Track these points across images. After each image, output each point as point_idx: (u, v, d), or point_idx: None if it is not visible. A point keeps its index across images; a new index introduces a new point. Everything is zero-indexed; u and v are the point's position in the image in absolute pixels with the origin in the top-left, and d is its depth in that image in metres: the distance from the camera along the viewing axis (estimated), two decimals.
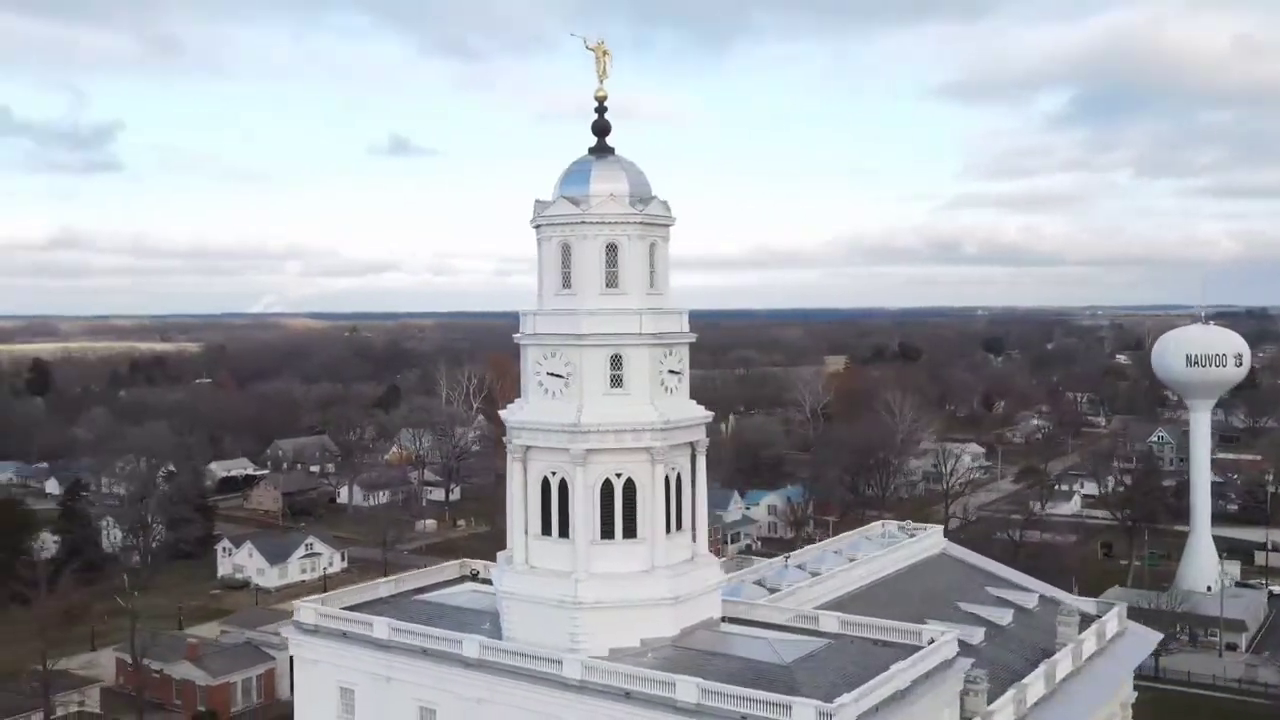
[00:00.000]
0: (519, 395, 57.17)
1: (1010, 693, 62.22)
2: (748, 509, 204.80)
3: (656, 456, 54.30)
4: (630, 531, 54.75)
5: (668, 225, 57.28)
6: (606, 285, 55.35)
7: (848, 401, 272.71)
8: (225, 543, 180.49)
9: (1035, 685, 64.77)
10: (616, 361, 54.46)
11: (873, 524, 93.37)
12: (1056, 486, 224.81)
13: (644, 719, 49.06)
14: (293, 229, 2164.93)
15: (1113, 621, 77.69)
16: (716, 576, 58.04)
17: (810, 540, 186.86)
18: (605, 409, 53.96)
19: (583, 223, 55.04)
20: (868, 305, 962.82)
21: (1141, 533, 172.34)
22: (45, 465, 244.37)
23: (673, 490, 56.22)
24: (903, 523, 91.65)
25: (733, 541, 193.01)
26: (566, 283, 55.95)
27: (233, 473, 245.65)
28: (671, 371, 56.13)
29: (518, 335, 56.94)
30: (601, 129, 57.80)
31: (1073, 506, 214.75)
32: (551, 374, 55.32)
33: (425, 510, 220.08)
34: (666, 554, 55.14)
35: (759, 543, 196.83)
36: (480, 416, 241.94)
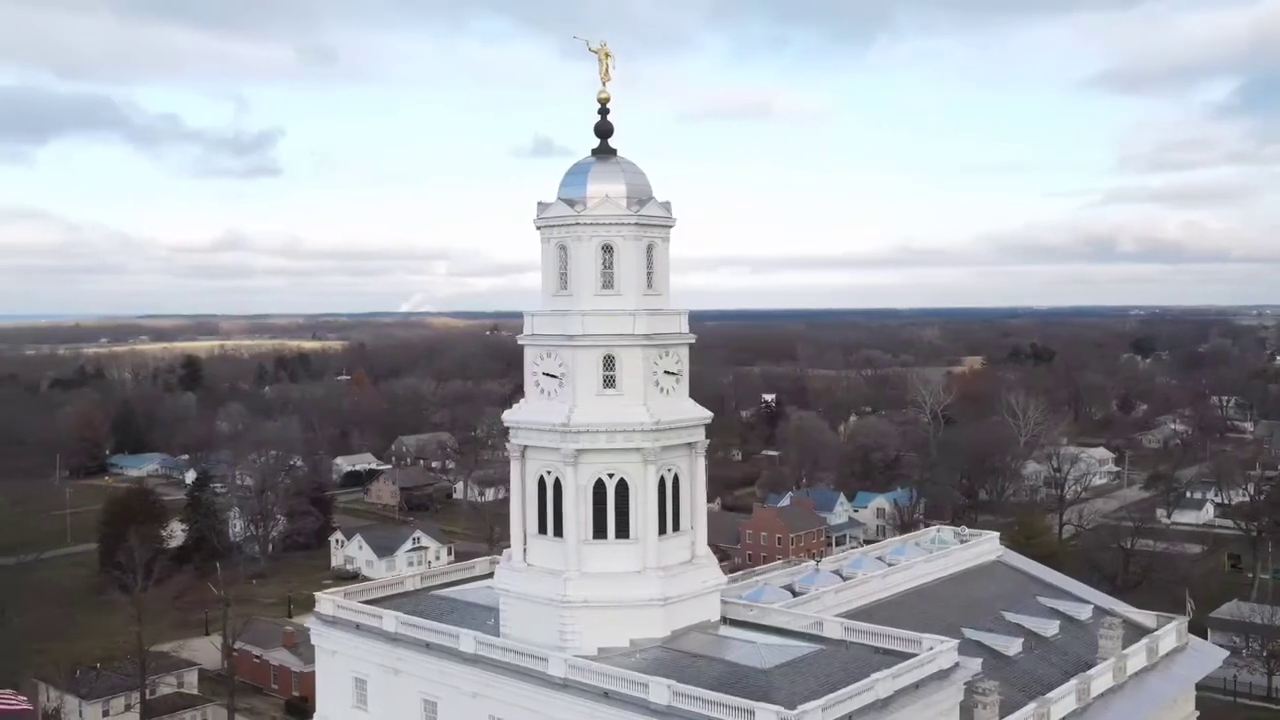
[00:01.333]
0: None
1: (1031, 706, 60.34)
2: (855, 512, 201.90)
3: (648, 457, 54.37)
4: (623, 531, 54.97)
5: (666, 226, 57.29)
6: (602, 286, 55.69)
7: (971, 403, 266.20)
8: (339, 535, 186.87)
9: (1065, 700, 62.56)
10: (609, 362, 54.76)
11: (927, 529, 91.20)
12: (1187, 494, 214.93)
13: (620, 718, 49.25)
14: (440, 230, 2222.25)
15: (1170, 636, 74.25)
16: (714, 579, 57.78)
17: None
18: (597, 409, 54.32)
19: (577, 224, 55.53)
20: (1014, 305, 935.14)
21: (1267, 545, 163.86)
22: (185, 457, 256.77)
23: (669, 491, 56.20)
24: (958, 528, 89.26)
25: (838, 545, 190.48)
26: (564, 284, 56.55)
27: (356, 467, 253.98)
28: (668, 372, 56.11)
29: (519, 336, 57.69)
30: (604, 131, 58.13)
31: (1204, 516, 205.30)
32: (547, 374, 56.01)
33: None
34: (659, 555, 55.16)
35: (864, 546, 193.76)
36: None
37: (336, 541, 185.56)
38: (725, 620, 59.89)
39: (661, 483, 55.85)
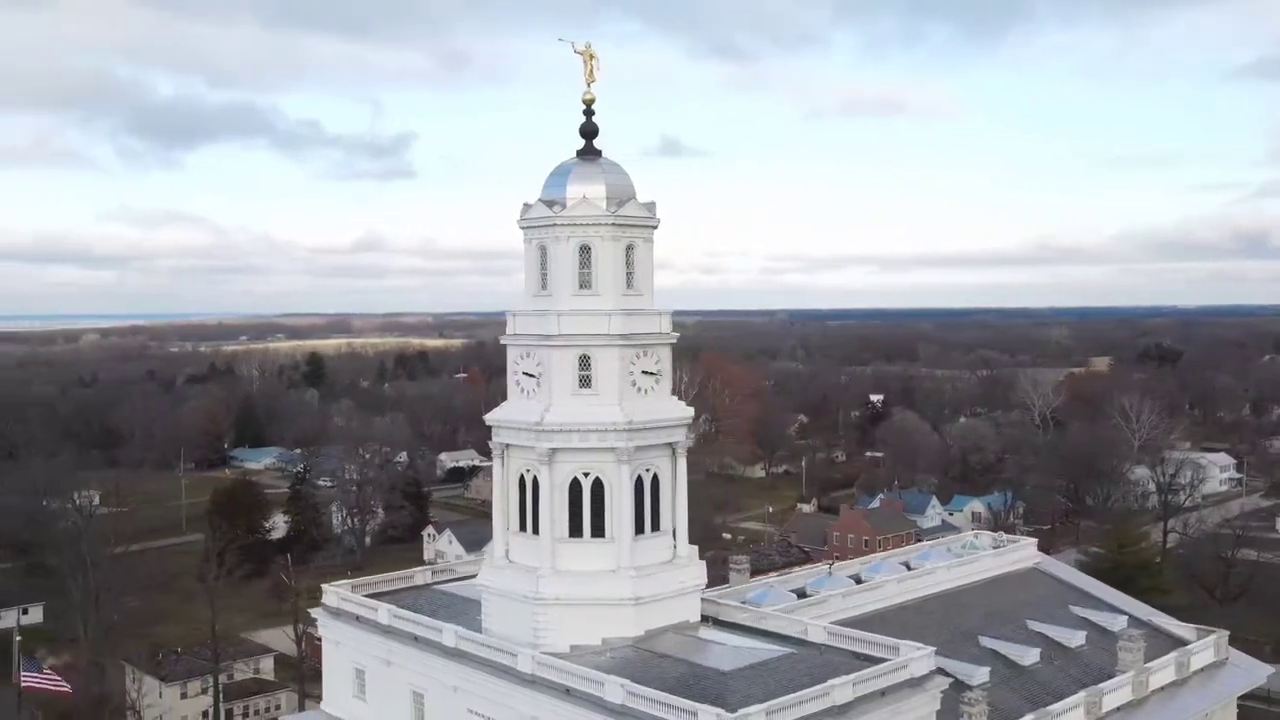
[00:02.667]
0: (731, 394, 58.84)
1: (1029, 718, 58.61)
2: (950, 515, 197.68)
3: (622, 457, 54.55)
4: (598, 531, 55.28)
5: (647, 227, 57.34)
6: (580, 287, 56.06)
7: (1084, 405, 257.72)
8: (430, 529, 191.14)
9: (1072, 713, 60.66)
10: (585, 362, 55.11)
11: (963, 534, 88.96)
12: None
13: (579, 716, 49.60)
14: None
15: (1207, 651, 71.12)
16: (693, 580, 57.54)
17: None
18: (572, 409, 54.73)
19: (554, 224, 56.01)
20: (1158, 303, 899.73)
21: None
22: (298, 452, 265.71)
23: (647, 491, 56.27)
24: (996, 534, 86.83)
25: None
26: (544, 284, 57.10)
27: (460, 463, 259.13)
28: (646, 372, 56.17)
29: (502, 336, 58.49)
30: (588, 132, 58.52)
31: None
32: (526, 373, 56.68)
33: None
34: (633, 555, 55.25)
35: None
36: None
37: (429, 535, 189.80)
38: (712, 621, 59.75)
39: (639, 483, 55.97)
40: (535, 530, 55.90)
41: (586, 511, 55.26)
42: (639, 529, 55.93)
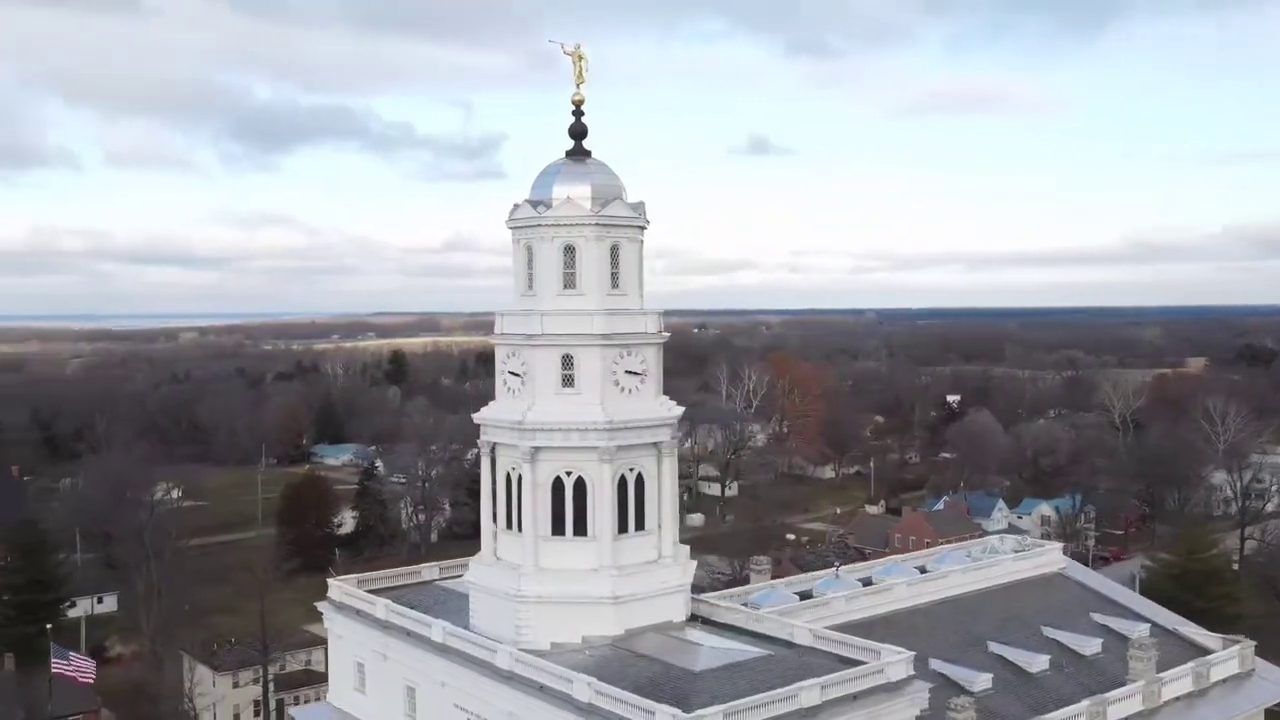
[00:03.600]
0: (799, 394, 59.14)
1: None
2: (1019, 518, 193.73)
3: (603, 456, 54.79)
4: (581, 529, 55.60)
5: (633, 226, 57.47)
6: (564, 286, 56.49)
7: (1168, 407, 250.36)
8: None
9: None
10: (568, 361, 55.50)
11: (987, 537, 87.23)
12: None
13: (550, 713, 50.00)
14: (657, 228, 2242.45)
15: (1231, 662, 68.88)
16: (676, 580, 57.46)
17: (1090, 557, 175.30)
18: (555, 408, 55.16)
19: (539, 225, 56.51)
20: (1259, 302, 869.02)
21: None
22: (374, 448, 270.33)
23: (630, 491, 56.40)
24: (1019, 538, 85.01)
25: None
26: (530, 284, 57.59)
27: None
28: (630, 372, 56.31)
29: (491, 336, 59.08)
30: (577, 132, 58.91)
31: None
32: (512, 373, 57.28)
33: (698, 505, 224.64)
34: (615, 554, 55.49)
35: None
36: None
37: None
38: (702, 621, 59.73)
39: (623, 482, 56.14)
40: (520, 528, 56.40)
41: (569, 510, 55.64)
42: (622, 528, 56.12)
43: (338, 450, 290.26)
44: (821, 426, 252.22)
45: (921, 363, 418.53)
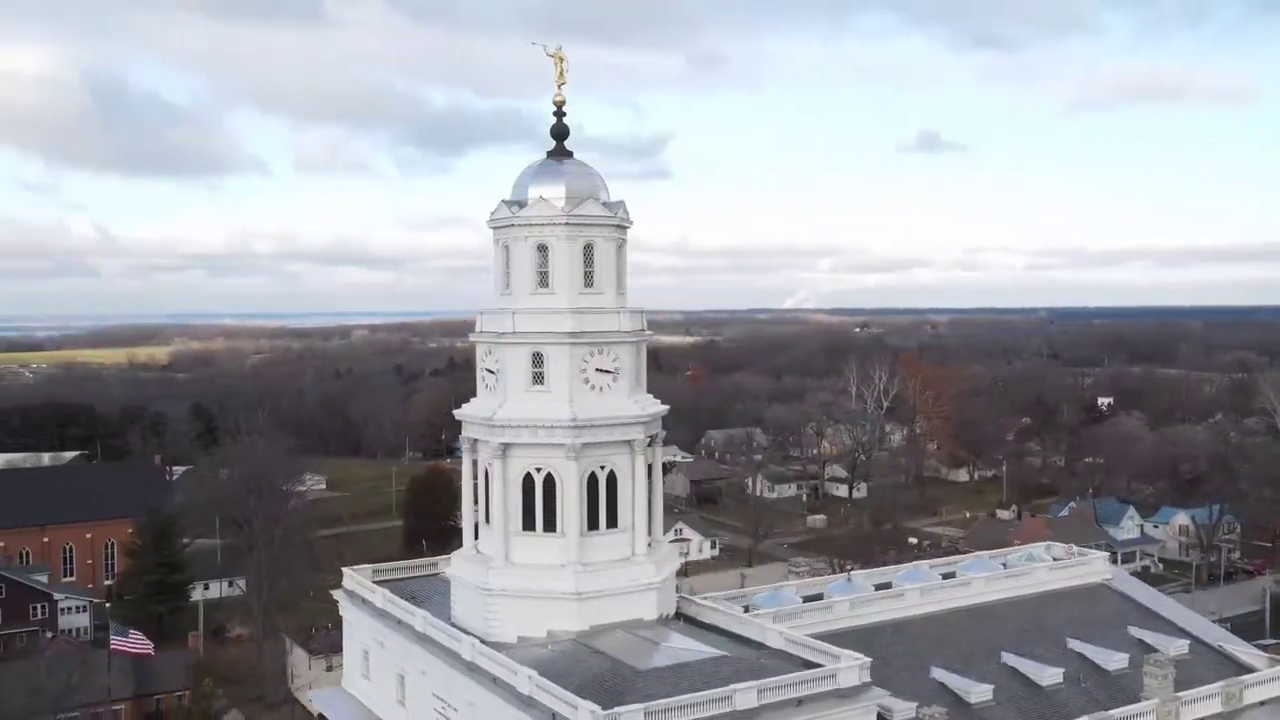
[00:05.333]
0: (932, 395, 60.01)
1: None
2: (1155, 526, 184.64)
3: (570, 454, 55.30)
4: (550, 526, 56.25)
5: (608, 225, 57.69)
6: (538, 285, 57.26)
7: None
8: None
9: None
10: (538, 359, 56.26)
11: (1034, 544, 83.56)
12: None
13: (497, 704, 50.86)
14: (824, 227, 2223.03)
15: (1274, 684, 64.44)
16: (647, 578, 57.36)
17: (1222, 570, 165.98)
18: (525, 405, 55.99)
19: (512, 225, 57.43)
20: None
21: None
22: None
23: (601, 488, 56.71)
24: (1068, 546, 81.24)
25: (1125, 562, 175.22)
26: (508, 283, 58.50)
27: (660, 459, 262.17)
28: (601, 370, 56.62)
29: (471, 334, 60.22)
30: (559, 133, 59.51)
31: None
32: (488, 370, 58.35)
33: (823, 506, 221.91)
34: (584, 550, 55.95)
35: (1159, 564, 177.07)
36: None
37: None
38: (685, 619, 59.73)
39: (594, 480, 56.53)
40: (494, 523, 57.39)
41: (539, 506, 56.36)
42: (592, 525, 56.56)
43: None
44: (956, 428, 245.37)
45: (1083, 363, 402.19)
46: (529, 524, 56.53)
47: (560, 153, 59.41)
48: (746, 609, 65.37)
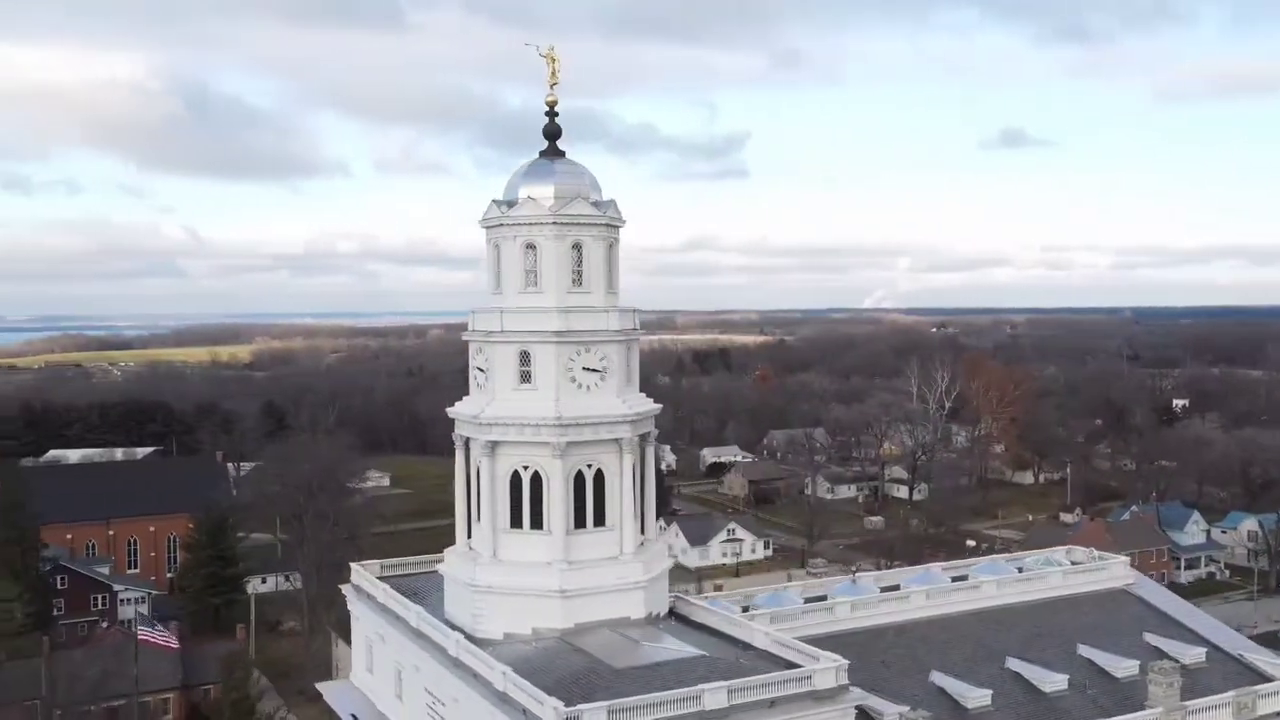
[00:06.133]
0: (996, 396, 60.26)
1: None
2: (1223, 532, 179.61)
3: (555, 452, 55.57)
4: (537, 523, 56.57)
5: (597, 225, 57.77)
6: (526, 285, 57.60)
7: None
8: (660, 522, 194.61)
9: None
10: (525, 358, 56.58)
11: (1053, 549, 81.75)
12: None
13: (476, 700, 51.31)
14: (904, 226, 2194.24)
15: None
16: (635, 576, 57.31)
17: None
18: (512, 403, 56.39)
19: (502, 224, 57.88)
20: None
21: None
22: None
23: (589, 487, 56.88)
24: (1089, 550, 79.38)
25: (1189, 568, 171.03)
26: (498, 283, 58.95)
27: (721, 458, 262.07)
28: (588, 369, 56.75)
29: (464, 333, 60.72)
30: (551, 133, 59.79)
31: None
32: (478, 368, 58.91)
33: (882, 507, 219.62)
34: (570, 548, 56.16)
35: (1225, 571, 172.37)
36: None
37: (659, 528, 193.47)
38: (677, 618, 59.78)
39: (580, 478, 56.71)
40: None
41: (525, 504, 56.72)
42: (579, 523, 56.75)
43: None
44: (1022, 430, 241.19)
45: (1163, 364, 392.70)
46: (516, 521, 56.92)
47: (552, 153, 59.71)
48: (746, 609, 65.12)
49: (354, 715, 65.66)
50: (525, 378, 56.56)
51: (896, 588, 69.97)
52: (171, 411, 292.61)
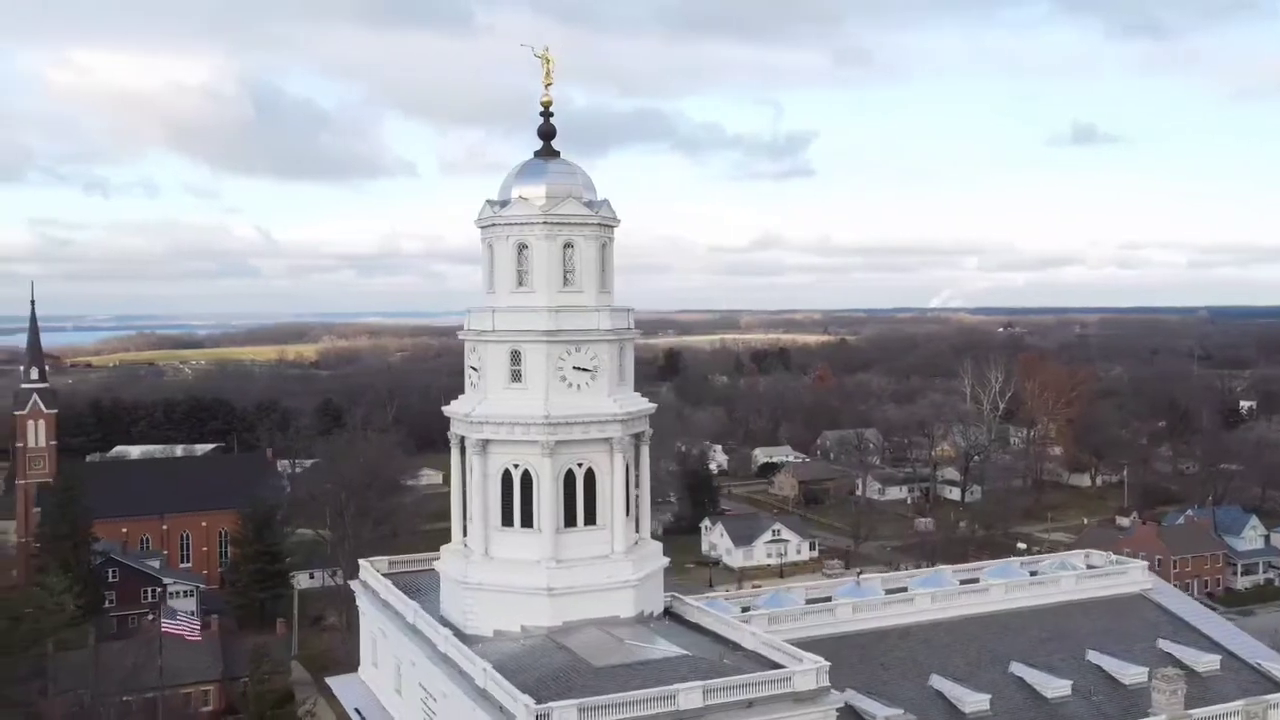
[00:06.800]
0: (1051, 396, 60.38)
1: None
2: None
3: (544, 450, 55.78)
4: (527, 521, 56.84)
5: (589, 224, 57.83)
6: (517, 284, 57.89)
7: None
8: (706, 522, 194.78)
9: None
10: (516, 357, 56.85)
11: (1063, 553, 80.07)
12: None
13: (459, 695, 51.69)
14: (971, 224, 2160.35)
15: None
16: (625, 576, 57.21)
17: None
18: (503, 402, 56.71)
19: (495, 224, 58.22)
20: None
21: None
22: None
23: (579, 485, 57.00)
24: (1107, 554, 77.62)
25: (1246, 573, 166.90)
26: (492, 283, 59.32)
27: (773, 459, 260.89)
28: (578, 369, 56.82)
29: (459, 332, 61.11)
30: (545, 133, 60.00)
31: None
32: (472, 367, 59.31)
33: (933, 509, 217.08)
34: (560, 547, 56.33)
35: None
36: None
37: (704, 528, 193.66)
38: (671, 618, 59.76)
39: (571, 477, 56.87)
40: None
41: (516, 502, 57.02)
42: (569, 522, 56.90)
43: None
44: (1079, 431, 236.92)
45: (1236, 364, 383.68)
46: (508, 520, 57.25)
47: (547, 153, 59.95)
48: (746, 610, 64.83)
49: (358, 710, 66.43)
50: (516, 376, 56.85)
51: (904, 590, 69.13)
52: (233, 409, 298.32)
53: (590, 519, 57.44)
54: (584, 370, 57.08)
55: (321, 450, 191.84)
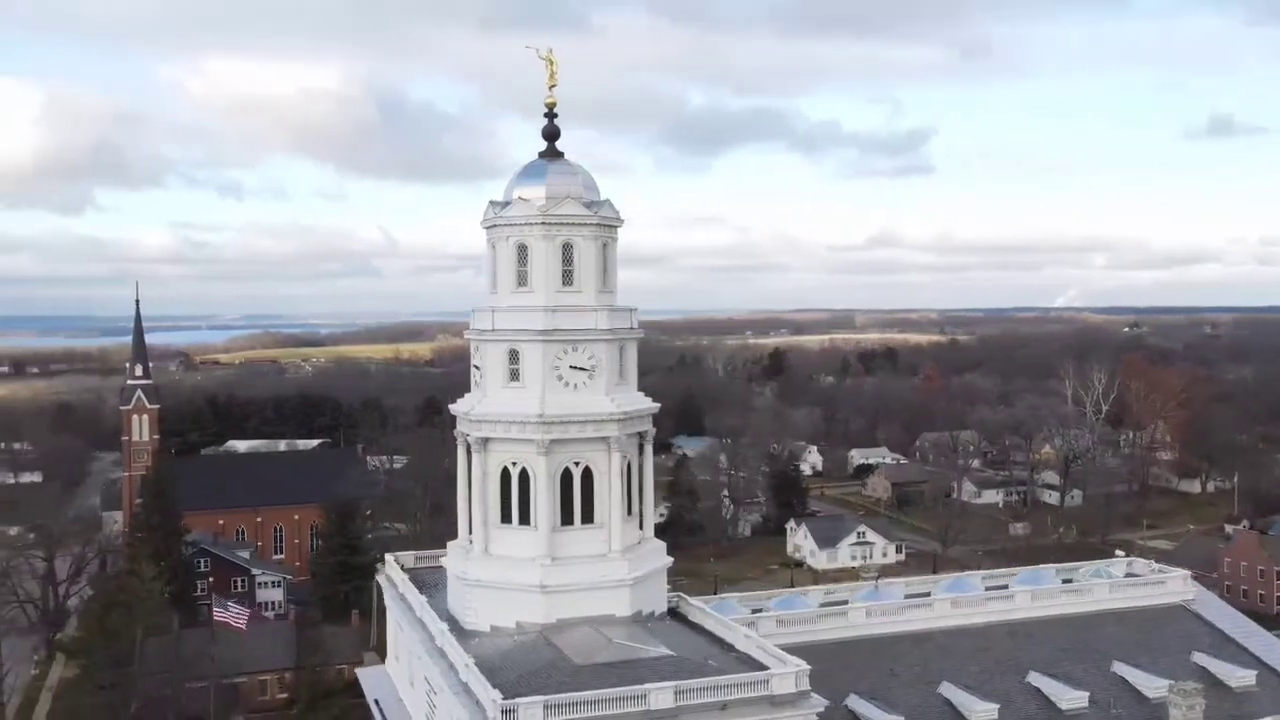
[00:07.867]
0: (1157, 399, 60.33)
1: None
2: None
3: (540, 449, 56.12)
4: (525, 519, 57.27)
5: (588, 225, 57.85)
6: (518, 284, 58.25)
7: None
8: (791, 523, 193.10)
9: None
10: (514, 356, 57.29)
11: (1102, 561, 76.97)
12: None
13: (446, 689, 52.43)
14: (1098, 221, 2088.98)
15: None
16: (620, 575, 57.09)
17: None
18: (502, 401, 57.23)
19: (496, 225, 58.76)
20: None
21: None
22: (726, 440, 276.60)
23: (576, 484, 57.19)
24: (1150, 563, 74.51)
25: None
26: (495, 283, 59.89)
27: (869, 460, 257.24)
28: (575, 368, 57.00)
29: (465, 332, 61.78)
30: (549, 134, 60.29)
31: None
32: (475, 366, 59.97)
33: (1030, 513, 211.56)
34: (556, 545, 56.57)
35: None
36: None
37: (790, 529, 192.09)
38: (672, 617, 59.68)
39: (568, 475, 57.10)
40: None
41: (514, 500, 57.50)
42: (566, 520, 57.13)
43: (695, 441, 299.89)
44: (1188, 435, 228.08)
45: None
46: (506, 517, 57.75)
47: (550, 154, 60.26)
48: (755, 612, 64.29)
49: (377, 700, 67.80)
50: (514, 375, 57.32)
51: (926, 595, 67.70)
52: (340, 406, 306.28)
53: (588, 517, 57.58)
54: (581, 369, 57.25)
55: (412, 446, 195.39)
